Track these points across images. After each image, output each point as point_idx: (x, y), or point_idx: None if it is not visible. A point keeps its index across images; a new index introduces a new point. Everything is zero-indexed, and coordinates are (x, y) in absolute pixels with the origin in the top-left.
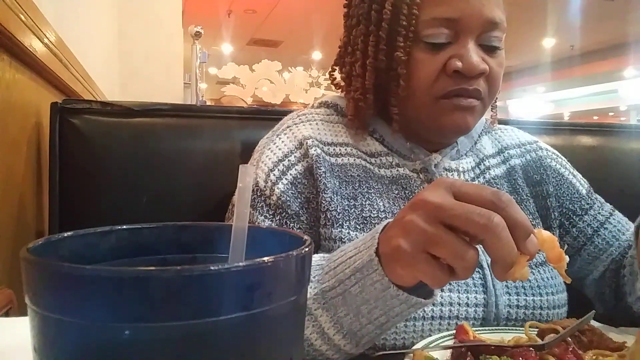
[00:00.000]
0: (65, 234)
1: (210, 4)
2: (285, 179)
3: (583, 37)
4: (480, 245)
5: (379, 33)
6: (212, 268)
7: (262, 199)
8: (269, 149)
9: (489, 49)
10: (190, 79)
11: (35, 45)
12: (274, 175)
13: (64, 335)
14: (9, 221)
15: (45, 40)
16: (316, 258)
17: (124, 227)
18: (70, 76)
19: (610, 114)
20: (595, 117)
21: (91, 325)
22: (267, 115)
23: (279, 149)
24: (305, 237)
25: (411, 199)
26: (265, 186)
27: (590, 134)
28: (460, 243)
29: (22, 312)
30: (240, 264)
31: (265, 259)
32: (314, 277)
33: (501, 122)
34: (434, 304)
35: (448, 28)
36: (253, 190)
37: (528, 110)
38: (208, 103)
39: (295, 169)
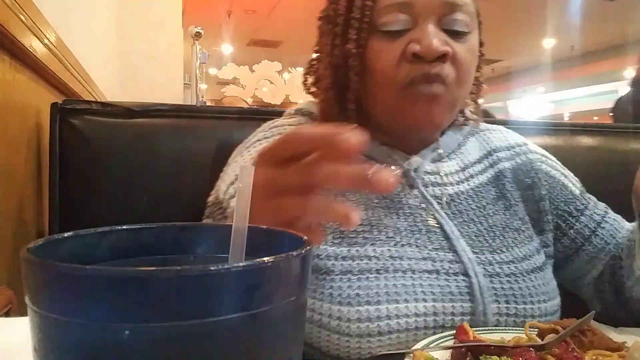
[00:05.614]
0: (65, 234)
1: (210, 4)
2: None
3: (583, 38)
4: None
5: (334, 29)
6: (212, 268)
7: (220, 211)
8: (236, 161)
9: (454, 34)
10: (190, 80)
11: (35, 45)
12: (233, 188)
13: (64, 335)
14: (9, 221)
15: (45, 41)
16: None
17: (124, 227)
18: (70, 76)
19: (611, 114)
20: (596, 118)
21: (91, 325)
22: (267, 116)
23: None
24: (305, 237)
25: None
26: (223, 198)
27: (590, 134)
28: (296, 203)
29: (22, 312)
30: (240, 264)
31: (265, 259)
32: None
33: (501, 122)
34: (417, 315)
35: (405, 13)
36: (213, 202)
37: (528, 110)
38: (208, 104)
39: None
